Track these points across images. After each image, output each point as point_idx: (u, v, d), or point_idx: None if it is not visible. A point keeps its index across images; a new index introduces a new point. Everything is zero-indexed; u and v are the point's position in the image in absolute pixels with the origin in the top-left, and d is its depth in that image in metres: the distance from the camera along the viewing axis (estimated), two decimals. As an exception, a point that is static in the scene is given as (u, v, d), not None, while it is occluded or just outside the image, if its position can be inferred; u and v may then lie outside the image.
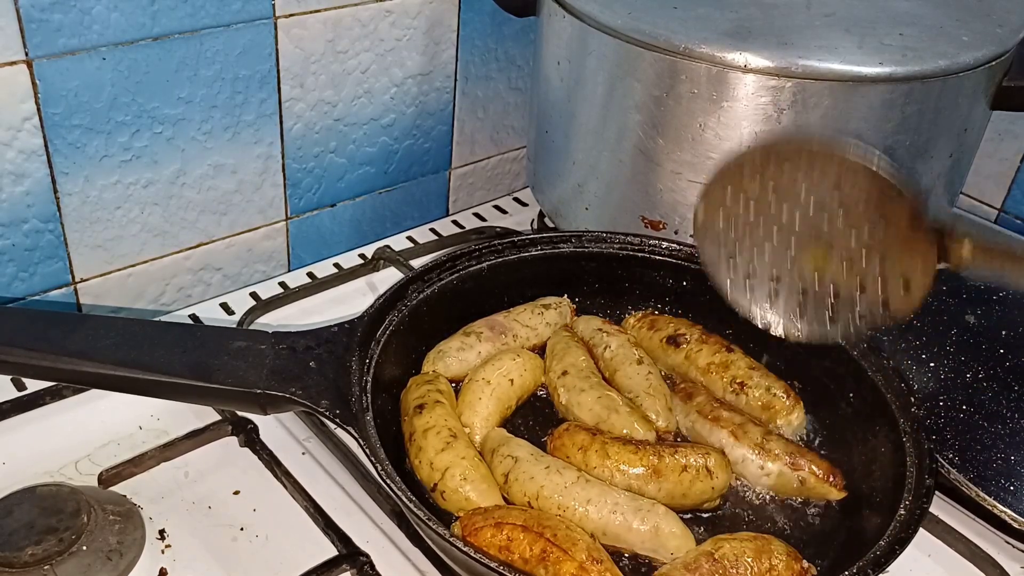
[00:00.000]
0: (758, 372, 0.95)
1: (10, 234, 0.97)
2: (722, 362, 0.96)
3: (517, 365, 0.94)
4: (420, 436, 0.84)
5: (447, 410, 0.87)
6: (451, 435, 0.84)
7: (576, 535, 0.75)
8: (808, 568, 0.77)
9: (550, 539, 0.74)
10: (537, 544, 0.74)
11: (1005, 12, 1.07)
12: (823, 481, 0.86)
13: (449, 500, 0.81)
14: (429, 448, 0.83)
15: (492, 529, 0.75)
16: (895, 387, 0.88)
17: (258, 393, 0.81)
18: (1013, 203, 1.38)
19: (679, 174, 1.02)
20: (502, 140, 1.40)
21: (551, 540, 0.73)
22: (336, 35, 1.12)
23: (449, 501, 0.81)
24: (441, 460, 0.82)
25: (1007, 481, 0.87)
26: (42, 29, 0.90)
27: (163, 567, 0.81)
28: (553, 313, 1.02)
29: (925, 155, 1.02)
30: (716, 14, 1.00)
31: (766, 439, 0.88)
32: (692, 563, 0.75)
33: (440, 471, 0.81)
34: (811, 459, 0.87)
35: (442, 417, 0.86)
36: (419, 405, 0.87)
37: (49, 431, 0.93)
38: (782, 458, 0.87)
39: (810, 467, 0.86)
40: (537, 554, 0.73)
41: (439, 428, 0.84)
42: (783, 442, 0.88)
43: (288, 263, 1.23)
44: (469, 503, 0.80)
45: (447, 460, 0.82)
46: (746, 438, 0.88)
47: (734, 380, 0.95)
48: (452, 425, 0.85)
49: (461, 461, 0.82)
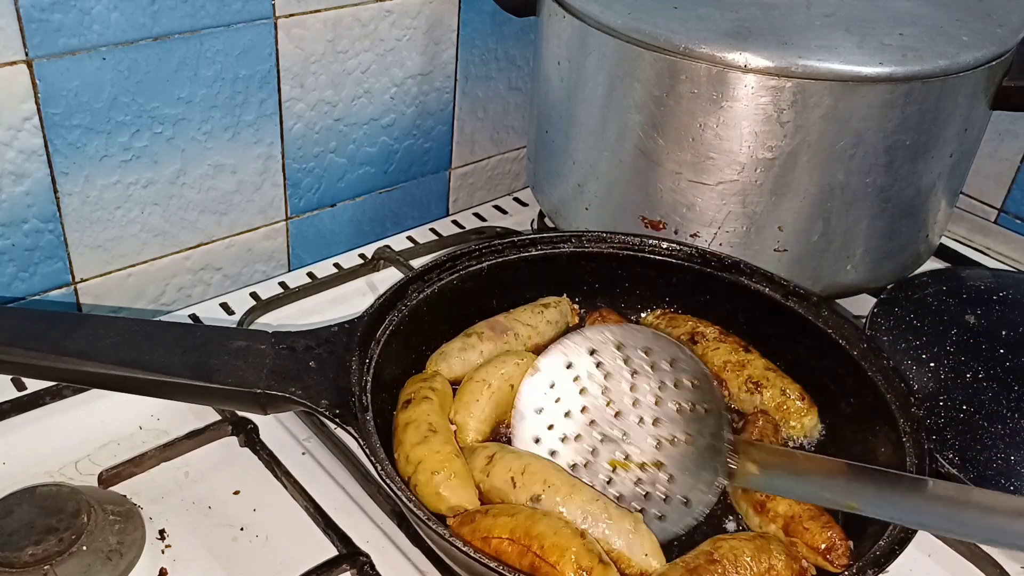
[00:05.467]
0: (774, 373, 0.95)
1: (10, 234, 0.97)
2: (738, 361, 0.96)
3: (519, 369, 0.92)
4: (401, 430, 0.84)
5: (433, 406, 0.87)
6: (430, 430, 0.83)
7: (564, 543, 0.73)
8: (808, 568, 0.77)
9: (537, 552, 0.72)
10: (525, 558, 0.73)
11: (1005, 12, 1.07)
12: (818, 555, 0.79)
13: (421, 494, 0.79)
14: (406, 441, 0.82)
15: (480, 543, 0.74)
16: (895, 387, 0.88)
17: (258, 393, 0.81)
18: (1013, 203, 1.38)
19: (679, 174, 1.02)
20: (502, 140, 1.40)
21: (538, 554, 0.72)
22: (336, 35, 1.12)
23: (420, 494, 0.79)
24: (416, 453, 0.81)
25: (1007, 481, 0.87)
26: (42, 29, 0.90)
27: (163, 567, 0.81)
28: (554, 311, 1.02)
29: (925, 155, 1.02)
30: (716, 14, 1.00)
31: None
32: (691, 563, 0.75)
33: (414, 464, 0.80)
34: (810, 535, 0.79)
35: (425, 412, 0.85)
36: (407, 400, 0.87)
37: (49, 431, 0.93)
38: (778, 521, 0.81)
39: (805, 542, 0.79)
40: (525, 566, 0.72)
41: (419, 423, 0.84)
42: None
43: (288, 263, 1.23)
44: (439, 499, 0.79)
45: (421, 454, 0.81)
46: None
47: (750, 379, 0.95)
48: (434, 421, 0.85)
49: (435, 455, 0.81)
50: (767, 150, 0.98)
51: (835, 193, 1.01)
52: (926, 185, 1.05)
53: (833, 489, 0.76)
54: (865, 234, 1.05)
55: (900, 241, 1.09)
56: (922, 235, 1.11)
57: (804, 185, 1.00)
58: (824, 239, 1.04)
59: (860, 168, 0.99)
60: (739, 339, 0.99)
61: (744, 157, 0.98)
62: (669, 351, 0.91)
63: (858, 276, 1.09)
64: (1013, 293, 1.07)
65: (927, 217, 1.10)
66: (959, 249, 1.35)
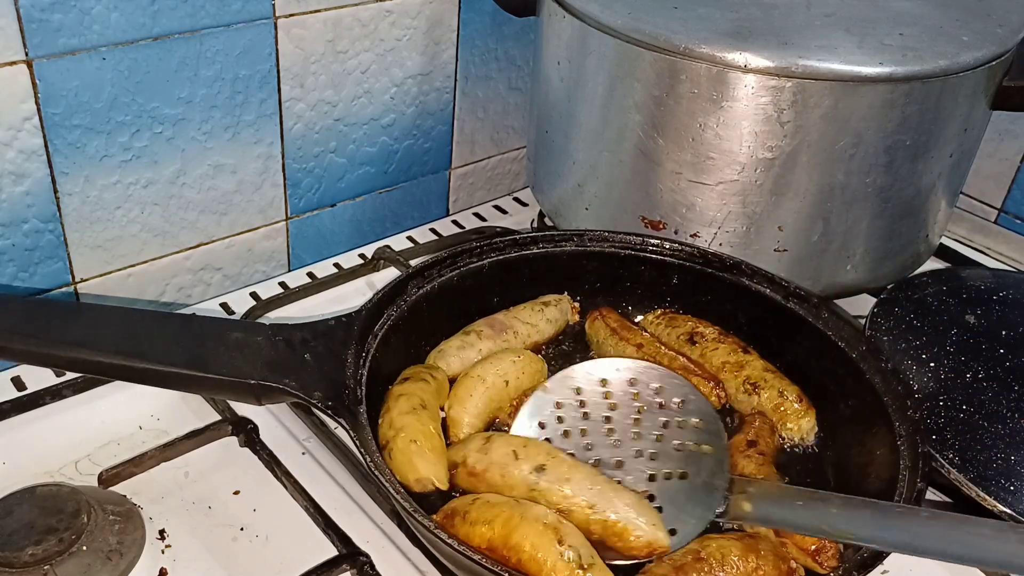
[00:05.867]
0: (772, 374, 0.95)
1: (10, 234, 0.97)
2: (737, 362, 0.96)
3: (515, 367, 0.93)
4: (392, 400, 0.85)
5: (430, 388, 0.87)
6: (420, 405, 0.84)
7: (544, 554, 0.72)
8: (796, 569, 0.77)
9: (515, 564, 0.72)
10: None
11: (1005, 12, 1.07)
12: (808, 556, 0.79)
13: (394, 459, 0.80)
14: (394, 409, 0.83)
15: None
16: (892, 390, 0.88)
17: (252, 384, 0.81)
18: (1013, 203, 1.38)
19: (679, 174, 1.02)
20: (502, 140, 1.40)
21: (517, 566, 0.72)
22: (336, 35, 1.12)
23: (394, 460, 0.80)
24: (400, 420, 0.82)
25: (1007, 481, 0.87)
26: (42, 29, 0.90)
27: (163, 567, 0.81)
28: (554, 310, 1.02)
29: (925, 155, 1.02)
30: (716, 14, 1.00)
31: None
32: (678, 561, 0.75)
33: (395, 430, 0.81)
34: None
35: (420, 389, 0.86)
36: (404, 378, 0.88)
37: (49, 431, 0.93)
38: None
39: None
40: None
41: (411, 396, 0.85)
42: None
43: (288, 263, 1.23)
44: (411, 467, 0.79)
45: (405, 421, 0.82)
46: None
47: (748, 380, 0.95)
48: (427, 400, 0.85)
49: (418, 425, 0.81)
50: (767, 150, 0.98)
51: (835, 193, 1.01)
52: (926, 185, 1.05)
53: (828, 521, 0.77)
54: (865, 234, 1.05)
55: (900, 241, 1.09)
56: (922, 235, 1.11)
57: (804, 185, 1.00)
58: (824, 239, 1.04)
59: (860, 168, 0.99)
60: (738, 340, 0.99)
61: (744, 157, 0.98)
62: (681, 391, 0.91)
63: (858, 276, 1.09)
64: (1013, 293, 1.07)
65: (927, 217, 1.10)
66: (959, 249, 1.35)
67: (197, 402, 0.97)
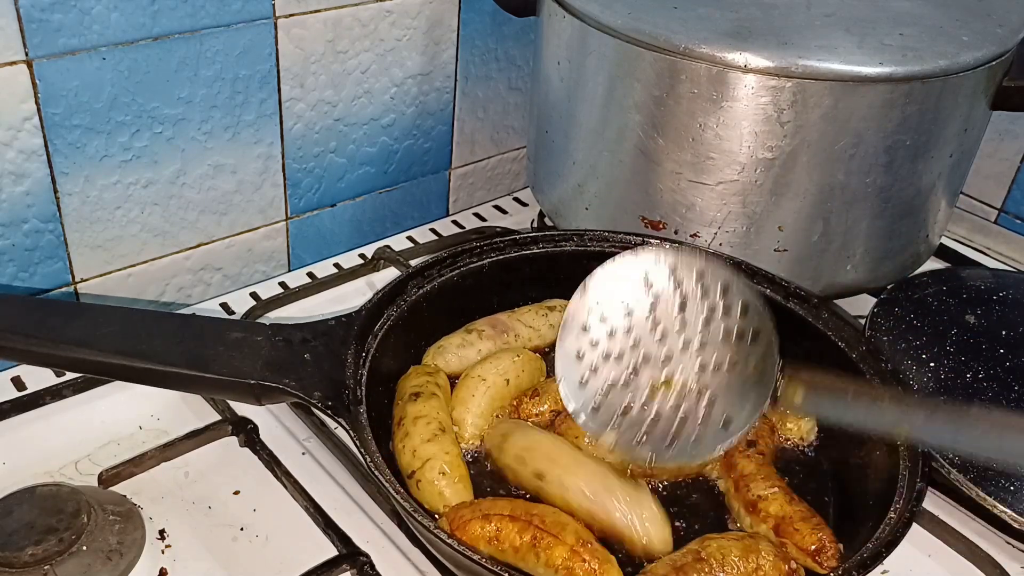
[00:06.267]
0: None
1: (10, 234, 0.97)
2: None
3: (515, 365, 0.93)
4: (410, 423, 0.85)
5: (441, 403, 0.88)
6: (440, 428, 0.84)
7: (564, 519, 0.75)
8: (796, 569, 0.77)
9: (539, 526, 0.74)
10: (527, 532, 0.74)
11: (1005, 12, 1.07)
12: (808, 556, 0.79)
13: (423, 490, 0.81)
14: (416, 436, 0.83)
15: (480, 521, 0.75)
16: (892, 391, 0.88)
17: (252, 383, 0.81)
18: (1013, 203, 1.38)
19: (679, 174, 1.02)
20: (502, 140, 1.40)
21: (540, 527, 0.74)
22: (336, 35, 1.12)
23: (423, 491, 0.81)
24: (425, 450, 0.82)
25: (1007, 481, 0.87)
26: (42, 29, 0.90)
27: (163, 567, 0.81)
28: (558, 315, 1.02)
29: (925, 155, 1.02)
30: (716, 14, 1.00)
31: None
32: (678, 561, 0.75)
33: (421, 460, 0.81)
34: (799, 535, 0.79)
35: (435, 409, 0.86)
36: (415, 393, 0.88)
37: (49, 431, 0.93)
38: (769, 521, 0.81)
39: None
40: (528, 541, 0.74)
41: (430, 419, 0.85)
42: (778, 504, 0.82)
43: (288, 263, 1.23)
44: (442, 498, 0.80)
45: (431, 451, 0.82)
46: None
47: None
48: (443, 419, 0.86)
49: (444, 455, 0.82)
50: (767, 150, 0.98)
51: (835, 193, 1.00)
52: (926, 185, 1.05)
53: (881, 416, 0.76)
54: (865, 234, 1.05)
55: (900, 241, 1.09)
56: (922, 235, 1.11)
57: (804, 185, 1.00)
58: (824, 239, 1.04)
59: (860, 168, 0.99)
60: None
61: (744, 157, 0.98)
62: (722, 276, 0.86)
63: (858, 276, 1.09)
64: (1013, 293, 1.07)
65: (927, 217, 1.10)
66: (959, 249, 1.34)
67: (197, 402, 0.97)
